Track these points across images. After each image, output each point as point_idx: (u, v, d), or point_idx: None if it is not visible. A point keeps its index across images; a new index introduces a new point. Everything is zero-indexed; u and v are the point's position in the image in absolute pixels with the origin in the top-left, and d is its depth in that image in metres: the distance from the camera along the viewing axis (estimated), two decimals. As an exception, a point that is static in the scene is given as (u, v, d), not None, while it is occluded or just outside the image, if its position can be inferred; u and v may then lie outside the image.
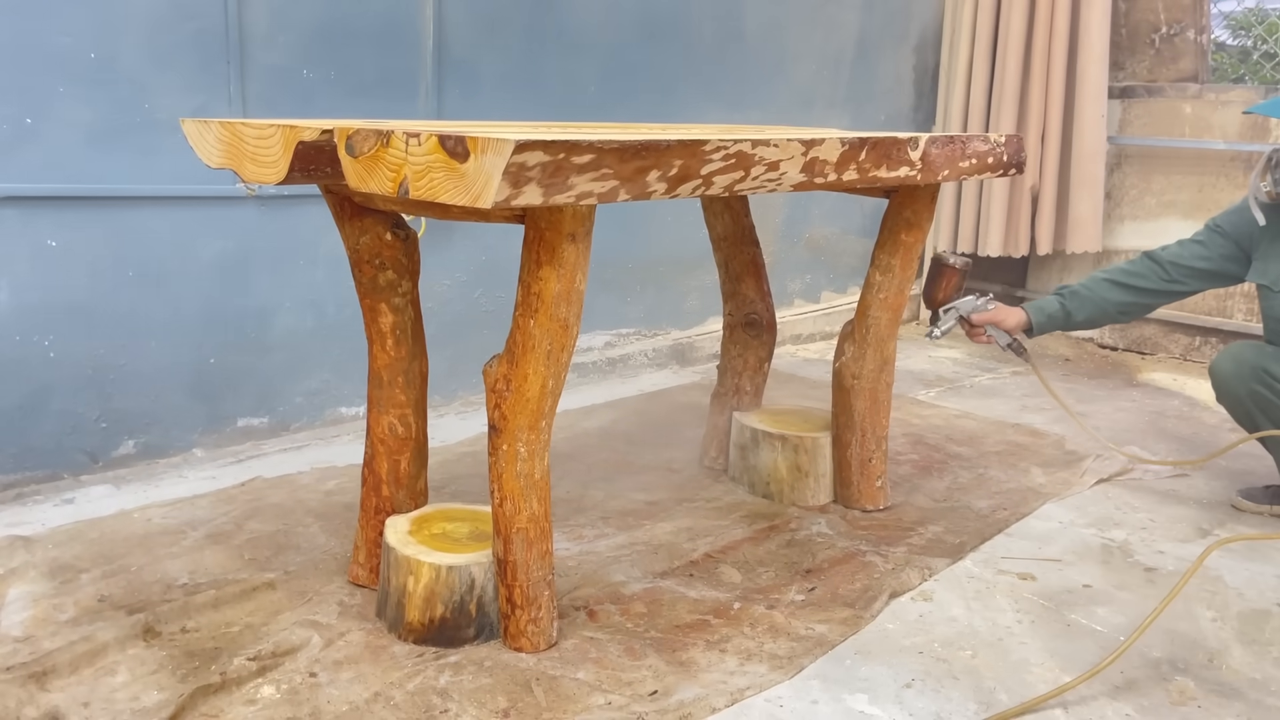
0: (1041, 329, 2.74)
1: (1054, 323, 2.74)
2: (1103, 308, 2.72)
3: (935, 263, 2.68)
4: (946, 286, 2.67)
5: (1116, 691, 1.81)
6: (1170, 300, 2.75)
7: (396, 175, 1.51)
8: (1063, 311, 2.73)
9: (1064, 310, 2.73)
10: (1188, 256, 2.69)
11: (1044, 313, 2.73)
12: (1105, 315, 2.75)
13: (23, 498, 2.45)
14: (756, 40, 3.93)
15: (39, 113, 2.39)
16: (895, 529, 2.46)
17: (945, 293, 2.68)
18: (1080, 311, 2.72)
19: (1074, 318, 2.73)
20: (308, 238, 2.85)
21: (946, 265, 2.66)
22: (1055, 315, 2.73)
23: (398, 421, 2.04)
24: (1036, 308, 2.75)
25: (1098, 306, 2.72)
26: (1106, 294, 2.72)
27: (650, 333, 3.85)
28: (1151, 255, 2.73)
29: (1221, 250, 2.66)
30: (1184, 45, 4.33)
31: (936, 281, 2.68)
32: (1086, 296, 2.72)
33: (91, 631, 1.85)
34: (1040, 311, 2.74)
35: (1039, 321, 2.74)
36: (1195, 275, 2.69)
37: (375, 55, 2.89)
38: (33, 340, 2.46)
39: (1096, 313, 2.73)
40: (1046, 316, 2.73)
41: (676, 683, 1.78)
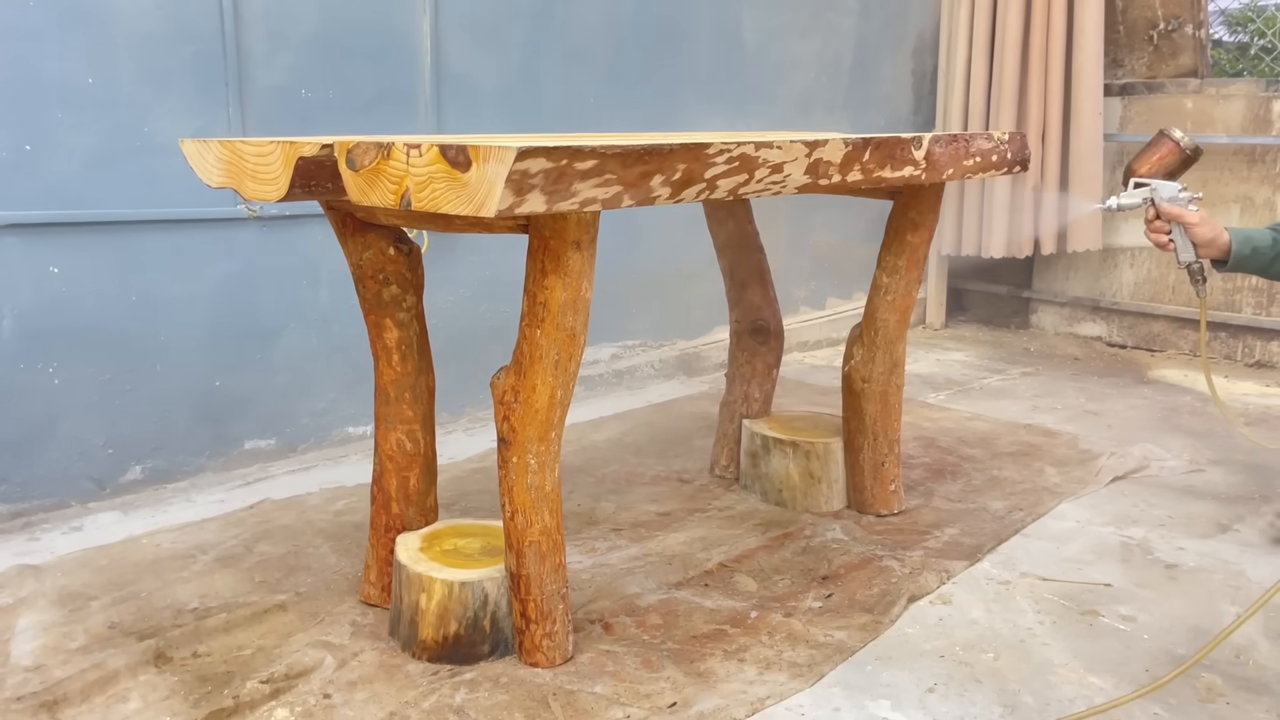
0: (1239, 262, 2.25)
1: (1258, 258, 2.24)
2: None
3: (1159, 133, 2.33)
4: (1155, 160, 2.30)
5: (1143, 690, 1.78)
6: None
7: (398, 187, 1.49)
8: (1273, 249, 2.24)
9: (1275, 247, 2.24)
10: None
11: (1249, 243, 2.24)
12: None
13: (30, 526, 2.43)
14: (755, 48, 3.93)
15: (38, 139, 2.38)
16: (911, 533, 2.44)
17: (1150, 166, 2.30)
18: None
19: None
20: (310, 257, 2.84)
21: (1167, 136, 2.30)
22: (1262, 249, 2.24)
23: (406, 437, 2.03)
24: (1242, 236, 2.26)
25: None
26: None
27: (656, 344, 3.83)
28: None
29: None
30: (1183, 40, 4.32)
31: (1148, 151, 2.33)
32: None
33: (102, 659, 1.83)
34: (1245, 241, 2.24)
35: (1239, 251, 2.25)
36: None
37: (373, 73, 2.89)
38: (37, 368, 2.45)
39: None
40: (1251, 248, 2.24)
41: (696, 694, 1.75)
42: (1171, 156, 2.29)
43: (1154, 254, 4.39)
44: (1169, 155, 2.29)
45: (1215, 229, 2.25)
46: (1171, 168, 2.30)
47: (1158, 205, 2.27)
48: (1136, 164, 2.32)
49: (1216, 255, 2.26)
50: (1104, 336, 4.54)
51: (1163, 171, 2.30)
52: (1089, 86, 4.14)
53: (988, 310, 4.93)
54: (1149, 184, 2.28)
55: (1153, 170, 2.30)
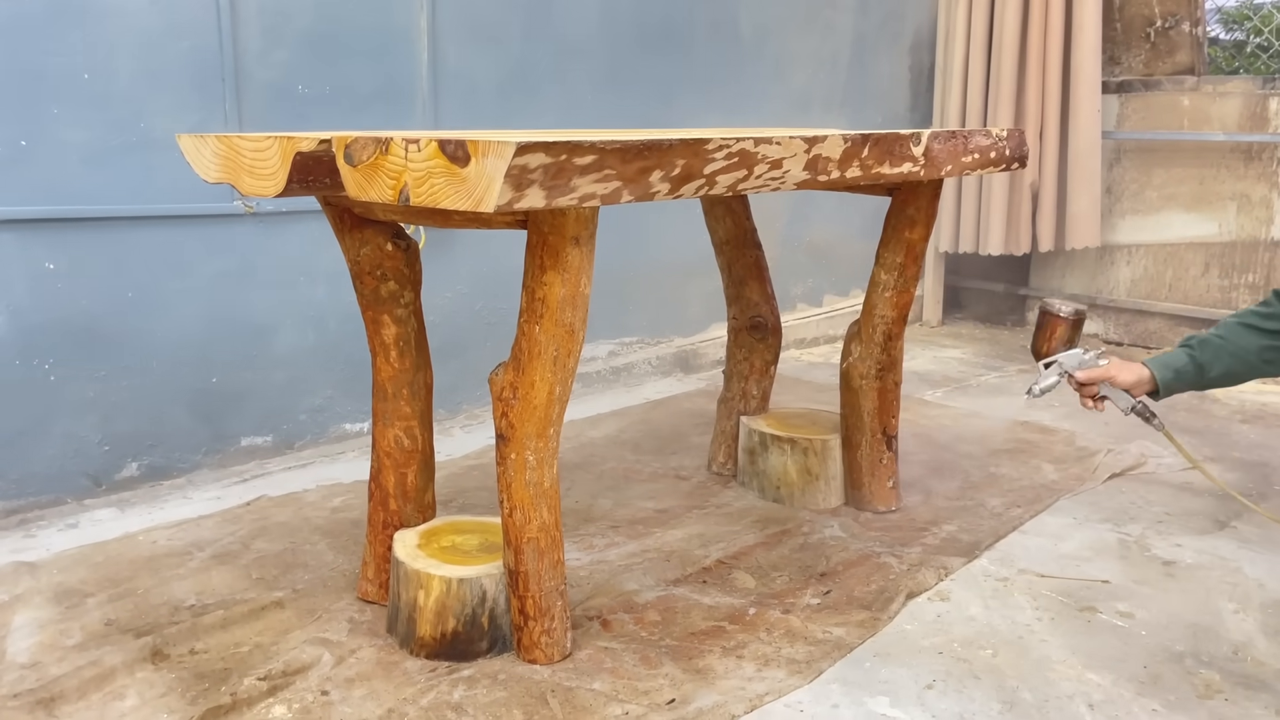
0: (1169, 389, 2.26)
1: (1183, 380, 2.25)
2: (1242, 356, 2.22)
3: (1040, 311, 2.39)
4: (1050, 338, 2.35)
5: (1142, 687, 1.78)
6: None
7: (396, 182, 1.49)
8: (1193, 365, 2.24)
9: (1194, 363, 2.24)
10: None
11: (1170, 368, 2.25)
12: (1246, 366, 2.23)
13: (26, 523, 2.42)
14: (753, 45, 3.92)
15: (33, 135, 2.37)
16: (909, 529, 2.43)
17: (1049, 345, 2.36)
18: (1215, 363, 2.22)
19: (1208, 372, 2.23)
20: (307, 254, 2.83)
21: (1050, 314, 2.36)
22: (1185, 371, 2.24)
23: (403, 434, 2.02)
24: (1161, 363, 2.27)
25: (1235, 356, 2.21)
26: (1243, 339, 2.22)
27: (654, 341, 3.83)
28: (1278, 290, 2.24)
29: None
30: (1179, 38, 4.32)
31: (1040, 332, 2.38)
32: (1219, 345, 2.23)
33: (99, 656, 1.82)
34: (1165, 367, 2.26)
35: (1165, 379, 2.25)
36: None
37: (370, 69, 2.88)
38: (33, 364, 2.44)
39: (1235, 364, 2.22)
40: (1174, 373, 2.25)
41: (694, 690, 1.75)
42: (1062, 329, 2.36)
43: (1151, 251, 4.39)
44: (1059, 328, 2.36)
45: (1134, 370, 2.28)
46: (1067, 337, 2.36)
47: (1073, 376, 2.32)
48: (1037, 346, 2.39)
49: (1146, 389, 2.28)
50: (1101, 334, 4.54)
51: (1062, 343, 2.35)
52: (1087, 84, 4.14)
53: (985, 307, 4.93)
54: (1056, 360, 2.34)
55: (1053, 347, 2.36)
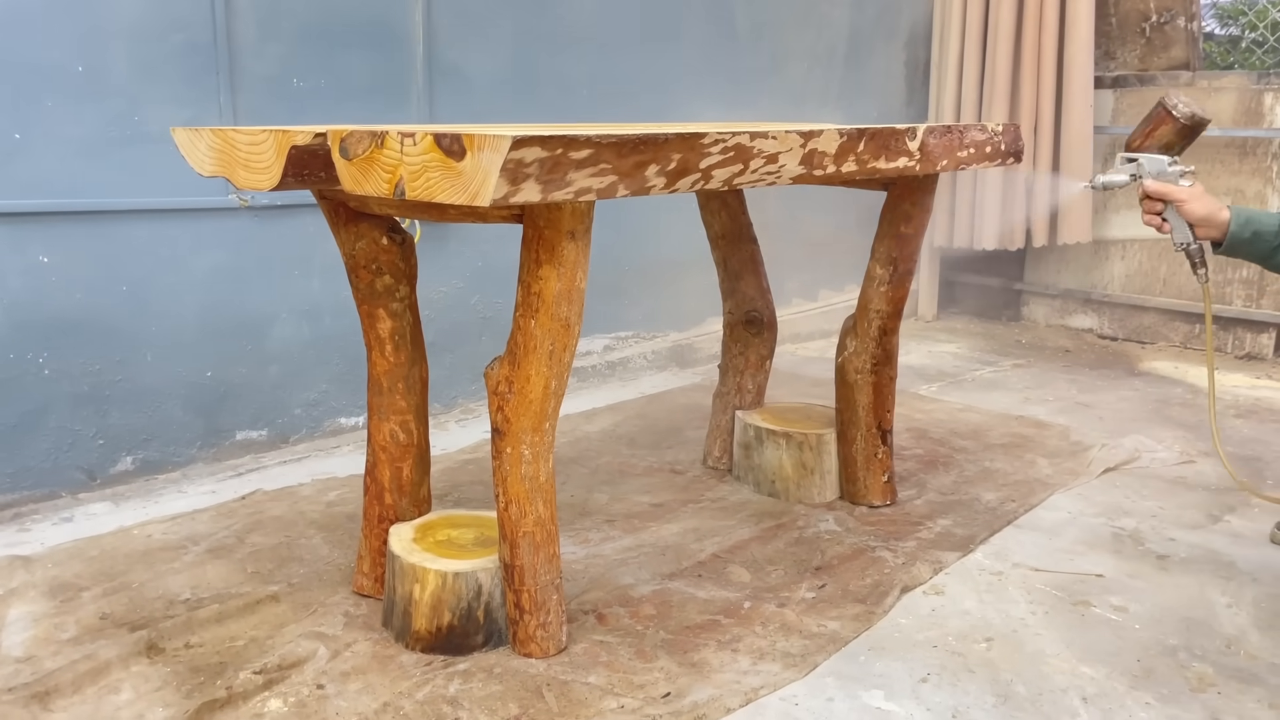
0: (1236, 245, 2.00)
1: (1259, 244, 1.98)
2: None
3: (1158, 103, 2.11)
4: (1148, 132, 2.08)
5: (1136, 680, 1.79)
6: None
7: (392, 176, 1.49)
8: (1277, 230, 1.97)
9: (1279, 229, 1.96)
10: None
11: (1251, 225, 1.98)
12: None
13: (21, 517, 2.42)
14: (748, 39, 3.92)
15: (27, 128, 2.37)
16: (903, 524, 2.44)
17: (1142, 139, 2.09)
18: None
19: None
20: (302, 247, 2.83)
21: (1162, 105, 2.07)
22: (1265, 234, 1.97)
23: (399, 428, 2.02)
24: (1245, 215, 2.00)
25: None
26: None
27: (649, 335, 3.83)
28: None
29: None
30: (1174, 33, 4.33)
31: (1144, 123, 2.11)
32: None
33: (94, 650, 1.82)
34: (1247, 222, 1.98)
35: (1237, 232, 1.99)
36: None
37: (365, 62, 2.88)
38: (27, 358, 2.43)
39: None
40: (1252, 231, 1.97)
41: (690, 684, 1.76)
42: (1166, 128, 2.07)
43: (1145, 246, 4.40)
44: (1163, 126, 2.08)
45: (1211, 205, 2.02)
46: (1166, 140, 2.08)
47: (1144, 182, 2.08)
48: (1131, 137, 2.13)
49: (1215, 236, 2.03)
50: (1095, 329, 4.55)
51: (1157, 144, 2.08)
52: (1080, 79, 4.14)
53: (979, 302, 4.94)
54: (1136, 159, 2.09)
55: (1145, 144, 2.10)
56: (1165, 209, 2.05)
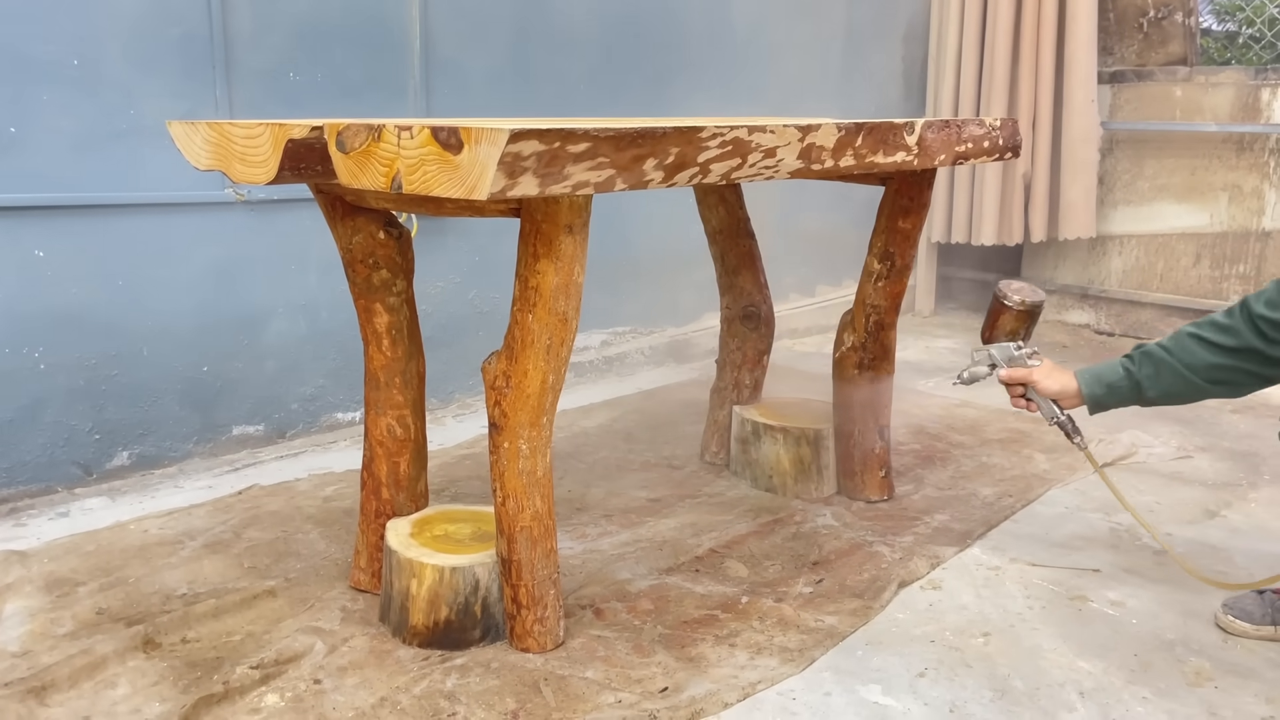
0: (1098, 405, 2.01)
1: (1116, 397, 1.99)
2: (1185, 376, 1.90)
3: (993, 294, 2.18)
4: (993, 325, 2.15)
5: (1133, 675, 1.79)
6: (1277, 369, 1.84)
7: (389, 170, 1.48)
8: (1128, 381, 1.96)
9: (1130, 380, 1.95)
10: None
11: (1101, 382, 1.99)
12: (1189, 387, 1.91)
13: (17, 512, 2.41)
14: (745, 34, 3.91)
15: (23, 122, 2.36)
16: (901, 519, 2.44)
17: (991, 332, 2.16)
18: (1155, 382, 1.93)
19: (1145, 391, 1.95)
20: (298, 242, 2.82)
21: (997, 299, 2.14)
22: (1118, 387, 1.97)
23: (396, 423, 2.02)
24: (1092, 376, 2.01)
25: (1178, 375, 1.90)
26: (1190, 355, 1.89)
27: (646, 330, 3.82)
28: (1245, 301, 1.85)
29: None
30: (1172, 29, 4.32)
31: (988, 315, 2.18)
32: (1162, 360, 1.92)
33: (90, 644, 1.81)
34: (1096, 380, 2.00)
35: (1093, 394, 2.00)
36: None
37: (362, 56, 2.87)
38: (23, 352, 2.42)
39: (1177, 383, 1.91)
40: (1105, 388, 1.99)
41: (687, 679, 1.75)
42: (1006, 317, 2.14)
43: (1142, 242, 4.40)
44: (1003, 316, 2.14)
45: (1060, 379, 2.05)
46: (1010, 327, 2.14)
47: (998, 372, 2.13)
48: (983, 329, 2.19)
49: (1076, 403, 2.05)
50: (1092, 324, 4.56)
51: (1004, 333, 2.14)
52: (1081, 74, 4.14)
53: (977, 297, 4.94)
54: (988, 350, 2.15)
55: (994, 334, 2.15)
56: (1026, 390, 2.10)
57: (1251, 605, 1.94)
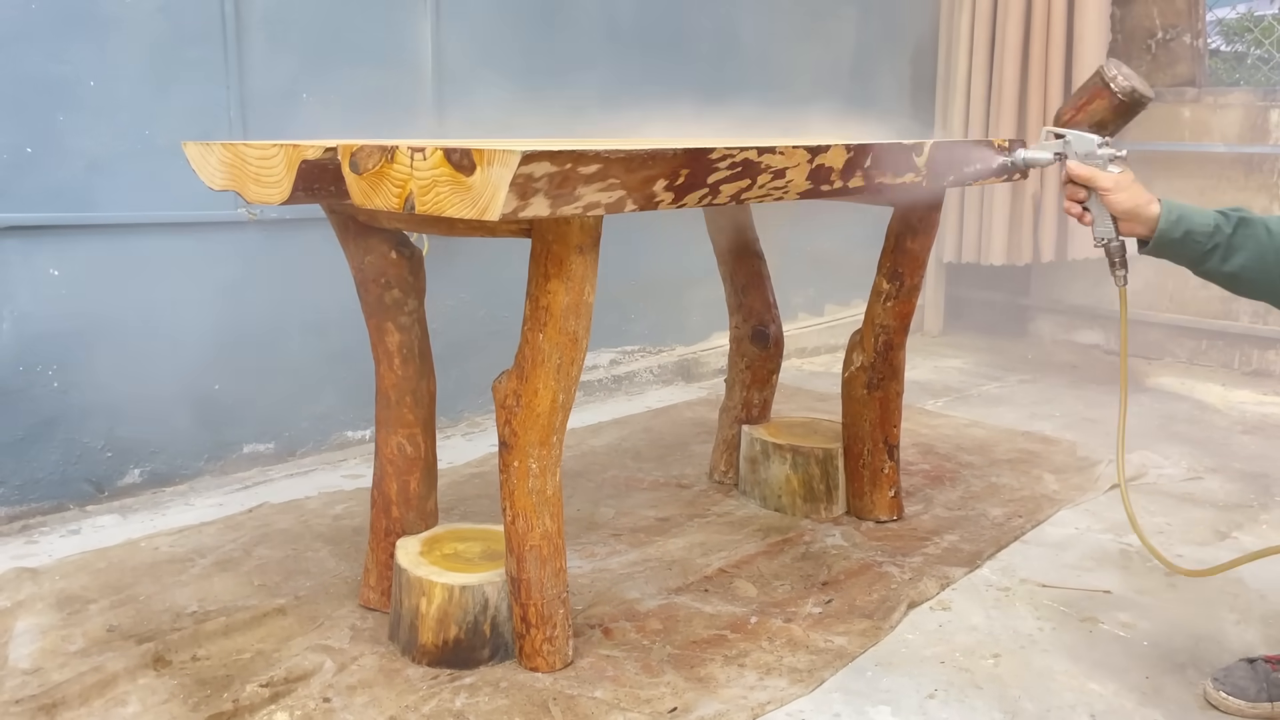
0: (1164, 244, 1.68)
1: (1189, 247, 1.65)
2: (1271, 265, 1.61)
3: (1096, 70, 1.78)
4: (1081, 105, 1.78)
5: (1144, 697, 1.78)
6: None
7: (402, 191, 1.50)
8: (1214, 237, 1.63)
9: (1216, 237, 1.63)
10: None
11: (1183, 224, 1.65)
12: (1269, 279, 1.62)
13: (29, 529, 2.42)
14: (754, 54, 3.94)
15: (39, 142, 2.38)
16: (910, 539, 2.44)
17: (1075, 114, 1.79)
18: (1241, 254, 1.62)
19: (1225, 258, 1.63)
20: (310, 261, 2.83)
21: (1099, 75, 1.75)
22: (1198, 236, 1.64)
23: (406, 441, 2.02)
24: (1179, 212, 1.66)
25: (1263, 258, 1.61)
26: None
27: (655, 349, 3.83)
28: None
29: None
30: (1180, 50, 4.33)
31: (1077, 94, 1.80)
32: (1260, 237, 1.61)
33: (101, 662, 1.82)
34: (1179, 220, 1.65)
35: (1166, 233, 1.66)
36: None
37: (374, 77, 2.89)
38: (36, 370, 2.44)
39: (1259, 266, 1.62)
40: (1184, 231, 1.64)
41: (696, 699, 1.75)
42: (1101, 102, 1.77)
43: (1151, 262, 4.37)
44: (1098, 100, 1.78)
45: (1140, 197, 1.70)
46: (1101, 116, 1.79)
47: (1068, 164, 1.77)
48: (1062, 110, 1.82)
49: (1142, 232, 1.72)
50: (1101, 344, 4.55)
51: (1089, 121, 1.79)
52: (1087, 95, 4.15)
53: (986, 317, 4.93)
54: (1064, 135, 1.78)
55: (1076, 118, 1.80)
56: (1088, 197, 1.76)
57: (1244, 680, 1.75)
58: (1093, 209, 1.76)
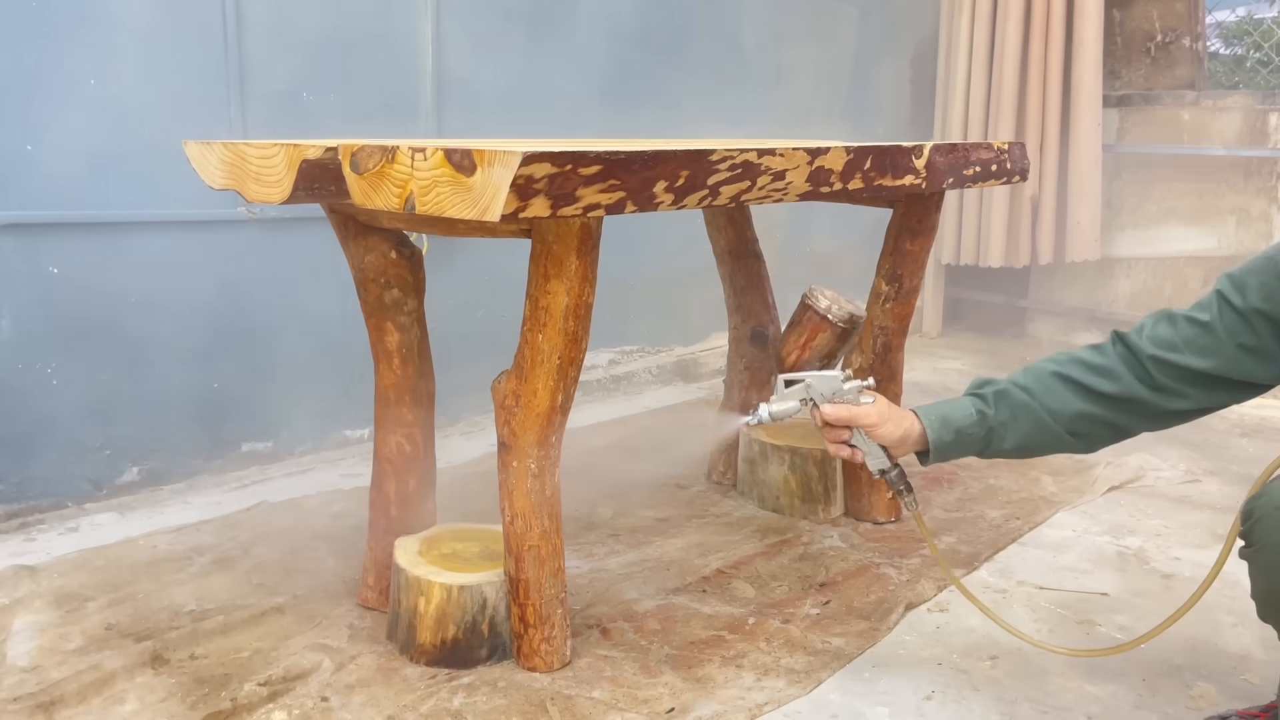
0: (943, 453, 1.64)
1: (965, 445, 1.63)
2: (1045, 426, 1.59)
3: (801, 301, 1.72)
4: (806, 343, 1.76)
5: (1141, 699, 1.79)
6: (1163, 421, 1.59)
7: (402, 191, 1.50)
8: (982, 427, 1.61)
9: (983, 425, 1.61)
10: (1181, 346, 1.53)
11: (950, 426, 1.62)
12: (1050, 437, 1.60)
13: (27, 527, 2.42)
14: (755, 56, 3.94)
15: (39, 139, 2.38)
16: (908, 541, 2.44)
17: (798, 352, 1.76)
18: (1011, 429, 1.60)
19: (999, 440, 1.61)
20: (310, 260, 2.84)
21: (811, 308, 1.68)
22: (969, 433, 1.62)
23: (405, 441, 2.03)
24: (939, 417, 1.63)
25: (1037, 422, 1.59)
26: (1053, 400, 1.58)
27: (654, 350, 3.83)
28: (1124, 337, 1.59)
29: (1243, 337, 1.49)
30: (1180, 53, 4.34)
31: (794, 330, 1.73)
32: (1022, 404, 1.60)
33: (99, 660, 1.82)
34: (944, 424, 1.62)
35: (940, 441, 1.63)
36: (1191, 380, 1.53)
37: (374, 77, 2.89)
38: (35, 368, 2.44)
39: (1037, 432, 1.59)
40: (954, 434, 1.62)
41: (693, 699, 1.75)
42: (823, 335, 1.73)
43: (1150, 265, 4.41)
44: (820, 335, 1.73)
45: (902, 421, 1.65)
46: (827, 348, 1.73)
47: (821, 409, 1.67)
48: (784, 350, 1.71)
49: (915, 450, 1.67)
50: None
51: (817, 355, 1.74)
52: (1088, 98, 4.16)
53: (984, 319, 4.94)
54: (803, 379, 1.68)
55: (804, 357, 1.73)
56: (852, 435, 1.68)
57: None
58: (860, 444, 1.69)
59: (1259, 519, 1.47)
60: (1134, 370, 1.56)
